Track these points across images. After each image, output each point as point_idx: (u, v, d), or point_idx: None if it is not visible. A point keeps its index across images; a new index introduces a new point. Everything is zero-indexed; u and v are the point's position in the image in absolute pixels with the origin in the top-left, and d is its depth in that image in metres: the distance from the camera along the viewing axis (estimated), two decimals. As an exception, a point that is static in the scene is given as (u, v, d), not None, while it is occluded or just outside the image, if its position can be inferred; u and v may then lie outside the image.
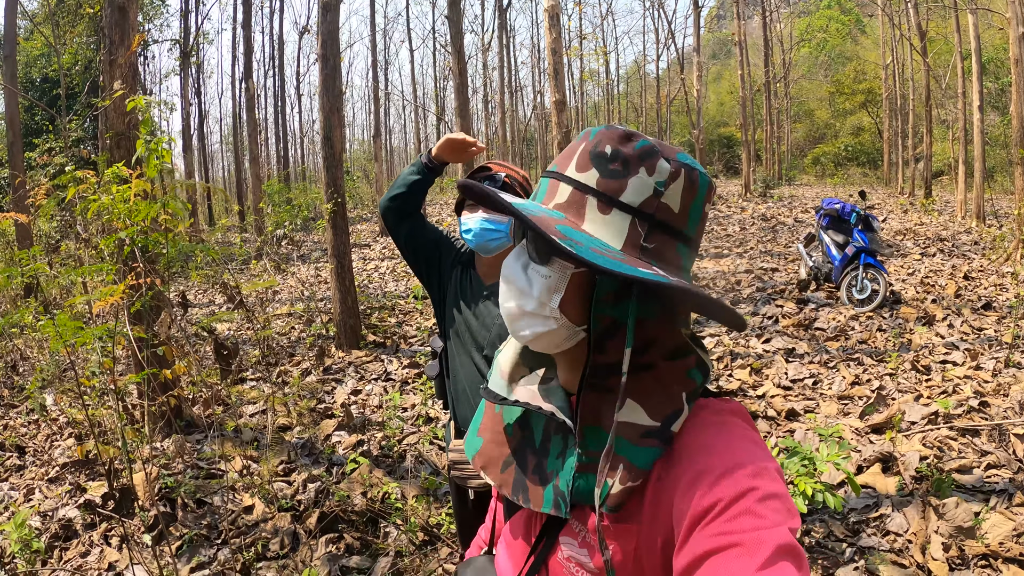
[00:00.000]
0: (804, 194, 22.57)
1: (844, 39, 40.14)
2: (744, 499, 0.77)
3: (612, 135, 0.91)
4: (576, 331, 0.93)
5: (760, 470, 0.80)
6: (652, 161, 0.88)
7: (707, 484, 0.80)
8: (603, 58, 33.80)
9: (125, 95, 5.17)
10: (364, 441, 5.02)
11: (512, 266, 0.96)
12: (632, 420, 0.88)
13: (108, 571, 3.64)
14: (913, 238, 12.60)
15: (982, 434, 4.34)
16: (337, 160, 7.66)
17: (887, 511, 3.54)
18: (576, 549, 0.93)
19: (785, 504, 0.77)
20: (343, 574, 3.50)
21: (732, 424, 0.88)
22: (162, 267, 3.73)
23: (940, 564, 3.09)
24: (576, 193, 0.90)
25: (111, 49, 5.39)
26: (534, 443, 1.01)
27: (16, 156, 11.59)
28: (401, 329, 8.45)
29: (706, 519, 0.77)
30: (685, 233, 0.91)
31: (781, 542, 0.73)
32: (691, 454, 0.85)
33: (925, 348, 6.25)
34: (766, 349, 6.62)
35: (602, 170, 0.89)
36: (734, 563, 0.72)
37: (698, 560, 0.75)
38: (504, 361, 1.09)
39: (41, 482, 4.83)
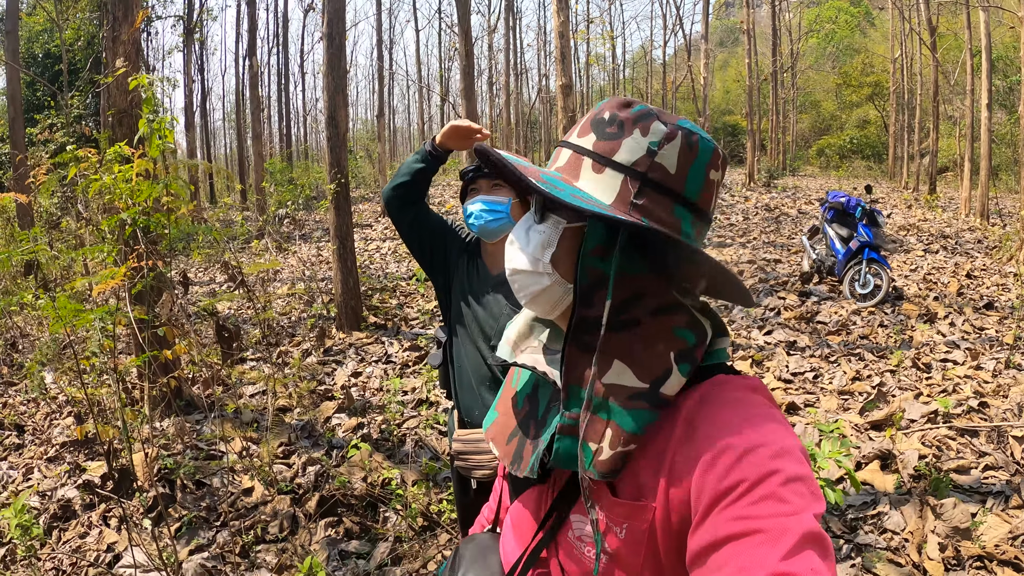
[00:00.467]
0: (808, 185, 22.50)
1: (853, 31, 39.93)
2: (767, 482, 0.75)
3: (613, 102, 0.94)
4: (569, 288, 0.94)
5: (783, 450, 0.78)
6: (647, 123, 0.90)
7: (728, 463, 0.78)
8: (610, 43, 33.62)
9: (128, 72, 5.13)
10: (364, 424, 5.02)
11: (517, 229, 0.99)
12: (620, 382, 0.87)
13: (107, 552, 3.64)
14: (916, 234, 12.58)
15: (981, 435, 4.35)
16: (341, 140, 7.62)
17: (885, 509, 3.55)
18: (588, 527, 0.92)
19: (809, 487, 0.75)
20: (342, 558, 3.51)
21: (754, 401, 0.86)
22: (164, 248, 3.71)
23: (936, 564, 3.10)
24: (574, 156, 0.93)
25: (114, 25, 5.35)
26: (537, 413, 1.01)
27: (17, 132, 11.57)
28: (402, 311, 8.45)
29: (726, 500, 0.75)
30: (683, 195, 0.90)
31: (806, 529, 0.71)
32: (711, 432, 0.82)
33: (926, 346, 6.25)
34: (767, 341, 6.62)
35: (599, 133, 0.92)
36: (756, 551, 0.70)
37: (717, 543, 0.74)
38: (512, 331, 1.10)
39: (40, 461, 4.83)
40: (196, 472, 4.33)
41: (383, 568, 3.42)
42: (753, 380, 0.91)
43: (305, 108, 41.04)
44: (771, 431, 0.80)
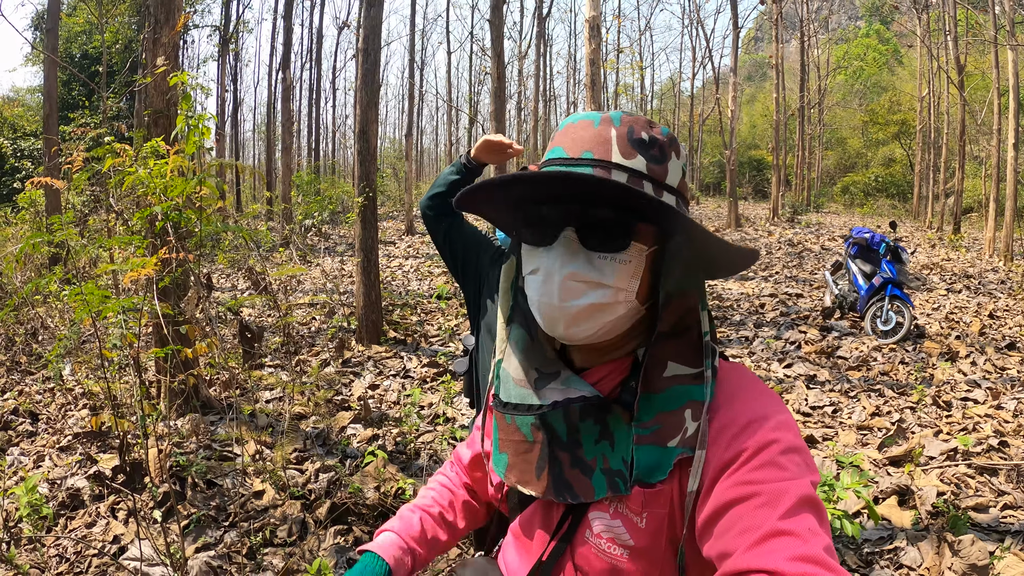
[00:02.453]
0: (832, 222, 22.44)
1: (881, 68, 39.96)
2: (767, 450, 0.79)
3: (640, 122, 0.96)
4: (639, 310, 0.96)
5: (781, 423, 0.83)
6: (676, 146, 0.97)
7: (730, 436, 0.83)
8: (639, 73, 33.82)
9: (166, 73, 5.25)
10: (379, 436, 5.04)
11: (571, 262, 0.93)
12: (677, 373, 0.92)
13: (112, 543, 3.66)
14: (939, 273, 12.49)
15: (1000, 474, 4.30)
16: (371, 154, 7.71)
17: (902, 544, 3.52)
18: (609, 521, 0.93)
19: (805, 458, 0.80)
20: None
21: (748, 379, 0.93)
22: (192, 245, 3.77)
23: (952, 601, 3.07)
24: (635, 179, 0.92)
25: (155, 27, 5.47)
26: (561, 439, 0.98)
27: (52, 128, 11.75)
28: (422, 328, 8.48)
29: (730, 469, 0.80)
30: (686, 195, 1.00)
31: (803, 493, 0.75)
32: (713, 410, 0.88)
33: (947, 384, 6.20)
34: (787, 374, 6.58)
35: (648, 156, 0.93)
36: (757, 512, 0.74)
37: (722, 508, 0.78)
38: (514, 370, 1.07)
39: (52, 450, 4.87)
40: (208, 471, 4.34)
41: (392, 578, 3.41)
42: (741, 365, 0.99)
43: (335, 124, 41.48)
44: (768, 406, 0.86)
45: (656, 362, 0.93)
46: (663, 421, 0.90)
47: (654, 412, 0.91)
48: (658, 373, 0.92)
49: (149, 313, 4.28)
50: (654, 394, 0.92)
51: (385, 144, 48.51)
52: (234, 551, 3.59)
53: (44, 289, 6.44)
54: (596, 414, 0.95)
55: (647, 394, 0.92)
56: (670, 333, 0.93)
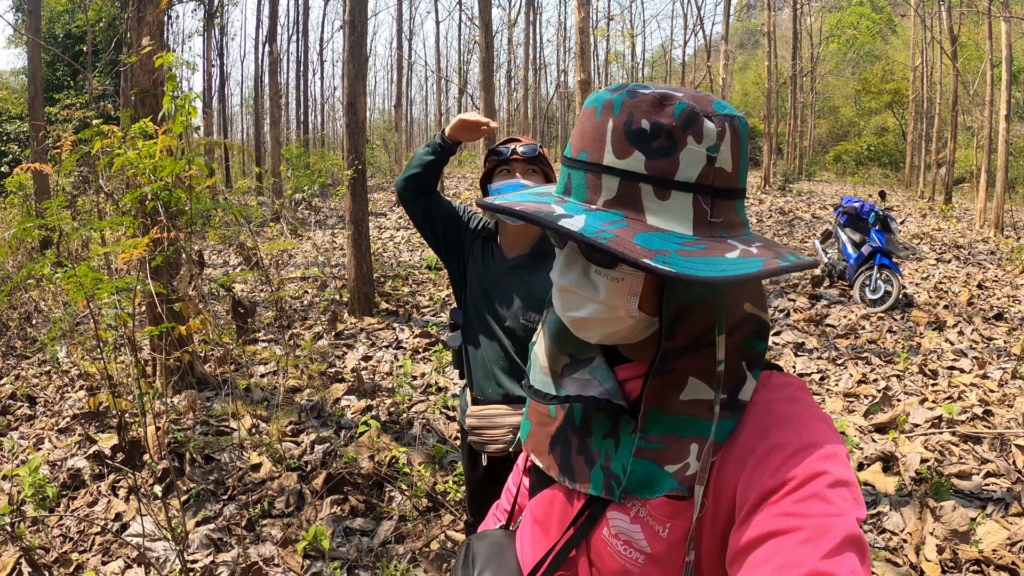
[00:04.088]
0: (823, 191, 22.46)
1: (874, 37, 39.74)
2: (814, 482, 0.74)
3: (643, 104, 0.82)
4: (653, 321, 0.89)
5: (832, 453, 0.78)
6: (697, 126, 0.81)
7: (778, 461, 0.78)
8: (629, 40, 33.52)
9: (152, 52, 5.21)
10: (373, 407, 5.09)
11: (568, 274, 0.90)
12: (699, 397, 0.86)
13: (115, 521, 3.71)
14: (930, 243, 12.56)
15: (984, 442, 4.37)
16: (360, 127, 7.69)
17: (884, 509, 3.59)
18: (628, 525, 0.90)
19: (853, 493, 0.75)
20: (346, 535, 3.57)
21: (803, 400, 0.86)
22: (183, 224, 3.78)
23: (933, 566, 3.14)
24: (625, 185, 0.82)
25: (139, 6, 5.42)
26: (574, 422, 0.99)
27: (37, 110, 11.67)
28: (414, 299, 8.51)
29: (773, 498, 0.75)
30: (740, 189, 0.87)
31: (848, 531, 0.70)
32: (762, 429, 0.82)
33: (934, 353, 6.27)
34: (775, 342, 6.65)
35: (647, 151, 0.80)
36: (799, 548, 0.70)
37: (761, 539, 0.74)
38: (542, 354, 1.05)
39: (51, 432, 4.91)
40: (205, 447, 4.39)
41: (386, 545, 3.48)
42: (795, 378, 0.91)
43: (323, 96, 41.16)
44: (821, 432, 0.80)
45: (673, 379, 0.87)
46: (668, 444, 0.86)
47: (663, 431, 0.87)
48: (675, 393, 0.87)
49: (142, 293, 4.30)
50: (667, 415, 0.87)
51: (374, 115, 48.21)
52: (233, 523, 3.67)
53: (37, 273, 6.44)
54: (610, 409, 0.93)
55: (658, 411, 0.88)
56: (689, 348, 0.87)
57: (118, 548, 3.47)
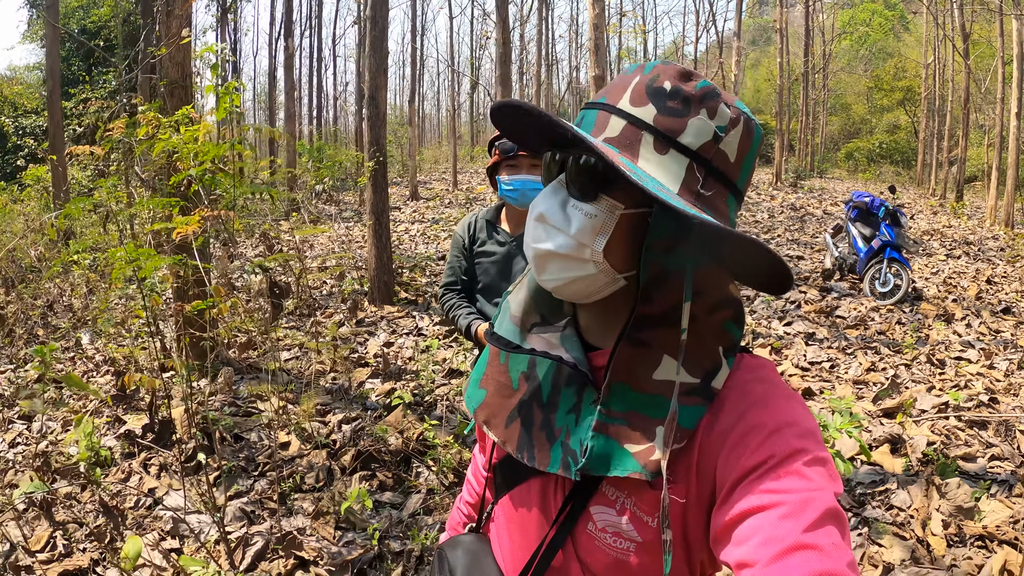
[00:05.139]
0: (835, 188, 22.53)
1: (886, 34, 39.66)
2: (793, 459, 0.76)
3: (671, 70, 0.85)
4: (617, 278, 0.88)
5: (807, 431, 0.79)
6: (713, 103, 0.84)
7: (756, 442, 0.78)
8: (641, 37, 33.58)
9: (182, 45, 5.39)
10: (396, 389, 5.26)
11: (546, 202, 0.88)
12: (670, 378, 0.85)
13: (147, 496, 3.87)
14: (940, 239, 12.66)
15: (989, 428, 4.51)
16: (382, 119, 7.85)
17: (892, 487, 3.74)
18: (614, 518, 0.89)
19: (829, 469, 0.77)
20: (376, 508, 3.74)
21: (775, 381, 0.87)
22: (222, 207, 3.95)
23: (939, 540, 3.29)
24: (630, 128, 0.84)
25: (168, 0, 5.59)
26: (541, 397, 0.95)
27: (55, 104, 11.84)
28: (432, 288, 8.69)
29: (753, 475, 0.76)
30: (736, 184, 0.87)
31: (828, 505, 0.72)
32: (739, 411, 0.83)
33: (941, 344, 6.41)
34: (787, 331, 6.80)
35: (660, 106, 0.83)
36: (781, 523, 0.71)
37: (743, 515, 0.74)
38: (515, 305, 1.03)
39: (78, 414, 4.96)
40: (234, 427, 4.56)
41: (415, 516, 3.65)
42: (769, 362, 0.92)
43: (335, 91, 41.37)
44: (795, 412, 0.82)
45: (646, 353, 0.86)
46: (632, 422, 0.85)
47: (627, 407, 0.86)
48: (646, 369, 0.86)
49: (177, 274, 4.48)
50: (635, 391, 0.86)
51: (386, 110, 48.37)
52: (265, 497, 3.80)
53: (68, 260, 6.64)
54: (578, 384, 0.92)
55: (625, 386, 0.87)
56: (665, 319, 0.86)
57: (152, 522, 3.63)
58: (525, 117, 0.88)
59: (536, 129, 0.91)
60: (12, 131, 18.92)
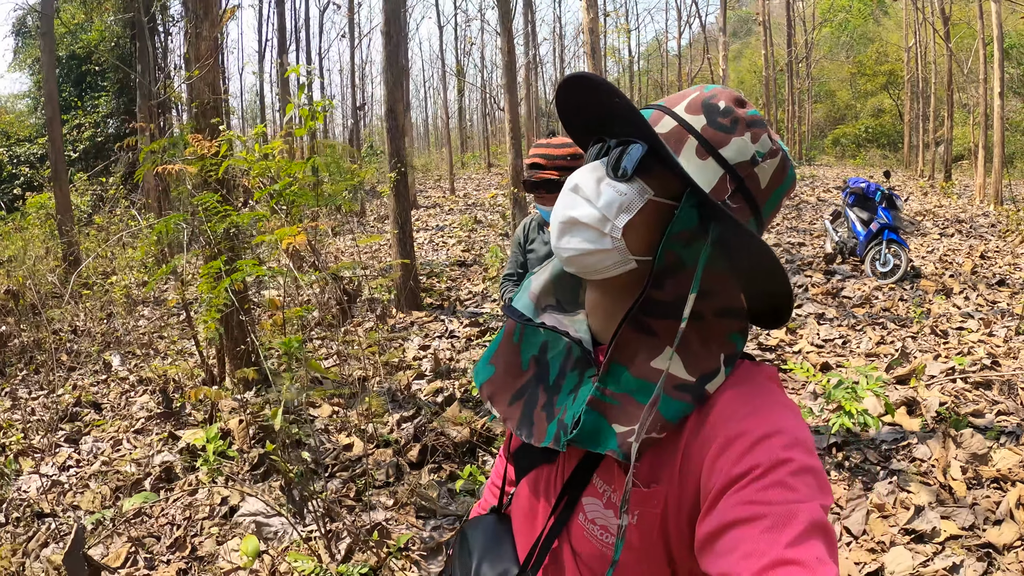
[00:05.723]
0: (825, 174, 22.97)
1: (866, 19, 40.09)
2: (778, 470, 0.75)
3: (729, 94, 0.92)
4: (628, 260, 0.90)
5: (796, 440, 0.78)
6: (759, 131, 0.90)
7: (741, 450, 0.78)
8: (625, 36, 34.08)
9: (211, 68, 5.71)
10: (442, 389, 5.61)
11: (583, 175, 0.93)
12: (666, 368, 0.86)
13: (221, 504, 3.99)
14: (932, 219, 13.11)
15: (994, 387, 4.92)
16: (400, 131, 8.26)
17: (913, 442, 4.15)
18: (601, 510, 0.91)
19: (818, 480, 0.76)
20: (451, 495, 4.01)
21: (768, 389, 0.87)
22: (295, 216, 4.30)
23: (959, 483, 3.69)
24: (679, 129, 0.89)
25: (196, 23, 5.83)
26: (548, 379, 0.99)
27: (55, 131, 11.95)
28: (454, 293, 9.07)
29: (737, 485, 0.76)
30: (761, 212, 0.91)
31: (813, 518, 0.71)
32: (725, 417, 0.83)
33: (943, 316, 6.83)
34: (798, 313, 7.22)
35: (711, 119, 0.89)
36: (763, 536, 0.71)
37: (725, 527, 0.74)
38: (536, 284, 1.07)
39: (125, 434, 5.19)
40: (293, 434, 4.70)
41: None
42: (768, 368, 0.92)
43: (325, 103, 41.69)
44: (785, 420, 0.81)
45: (650, 341, 0.89)
46: (624, 404, 0.87)
47: (621, 389, 0.89)
48: (647, 355, 0.89)
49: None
50: (632, 374, 0.89)
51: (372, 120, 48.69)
52: (341, 495, 3.99)
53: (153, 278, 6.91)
54: (583, 367, 0.96)
55: (623, 368, 0.89)
56: (673, 310, 0.88)
57: (231, 529, 3.76)
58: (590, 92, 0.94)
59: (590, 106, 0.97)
60: (7, 160, 18.82)
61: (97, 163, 19.09)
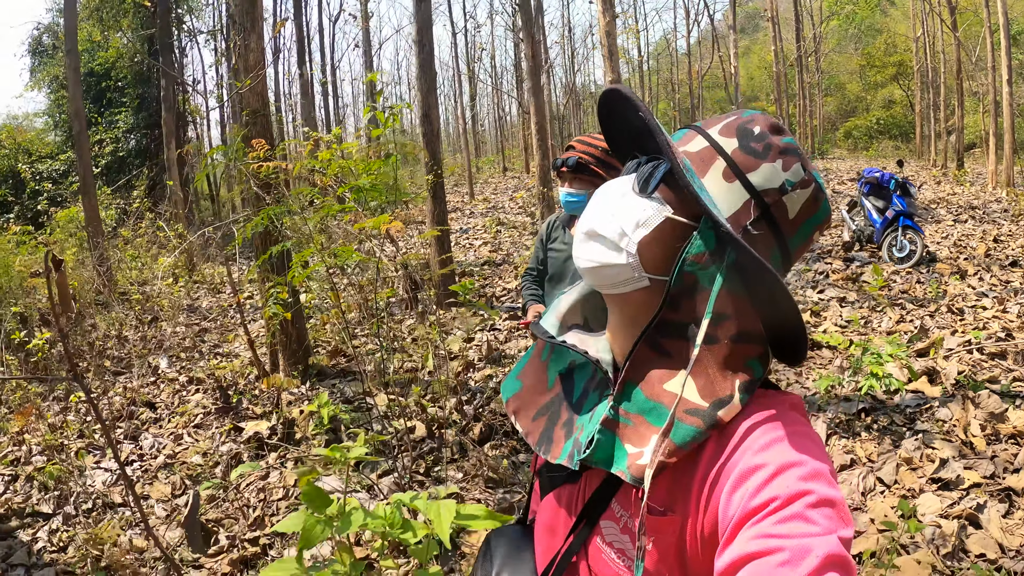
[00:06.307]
0: (838, 167, 23.23)
1: (874, 11, 40.18)
2: (797, 502, 0.74)
3: (766, 120, 0.91)
4: (641, 277, 0.90)
5: (816, 472, 0.77)
6: (790, 160, 0.89)
7: (759, 483, 0.77)
8: (635, 37, 34.41)
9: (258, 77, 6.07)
10: (493, 375, 5.98)
11: (610, 188, 0.95)
12: (678, 392, 0.85)
13: (294, 487, 4.25)
14: (946, 206, 13.41)
15: (1008, 357, 5.29)
16: (436, 135, 8.65)
17: (935, 406, 4.54)
18: (618, 534, 0.91)
19: (839, 512, 0.75)
20: (515, 468, 4.34)
21: (790, 418, 0.85)
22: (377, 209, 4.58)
23: (979, 439, 4.08)
24: (709, 150, 0.90)
25: (244, 36, 6.16)
26: (572, 398, 1.00)
27: (83, 146, 12.13)
28: (489, 290, 9.48)
29: (754, 519, 0.75)
30: (788, 242, 0.90)
31: (829, 551, 0.70)
32: (744, 447, 0.82)
33: (959, 296, 7.20)
34: (821, 298, 7.60)
35: (743, 144, 0.89)
36: (777, 571, 0.70)
37: (741, 561, 0.73)
38: (564, 304, 1.08)
39: (184, 429, 5.45)
40: (353, 421, 5.12)
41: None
42: (792, 396, 0.91)
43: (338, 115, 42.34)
44: (805, 451, 0.80)
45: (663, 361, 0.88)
46: (637, 424, 0.87)
47: (637, 409, 0.88)
48: (661, 376, 0.88)
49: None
50: (645, 395, 0.88)
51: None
52: (413, 471, 4.29)
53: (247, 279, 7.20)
54: (603, 388, 0.96)
55: (636, 387, 0.89)
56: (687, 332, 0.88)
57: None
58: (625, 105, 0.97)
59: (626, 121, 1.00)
60: (29, 176, 18.97)
61: (119, 178, 19.57)
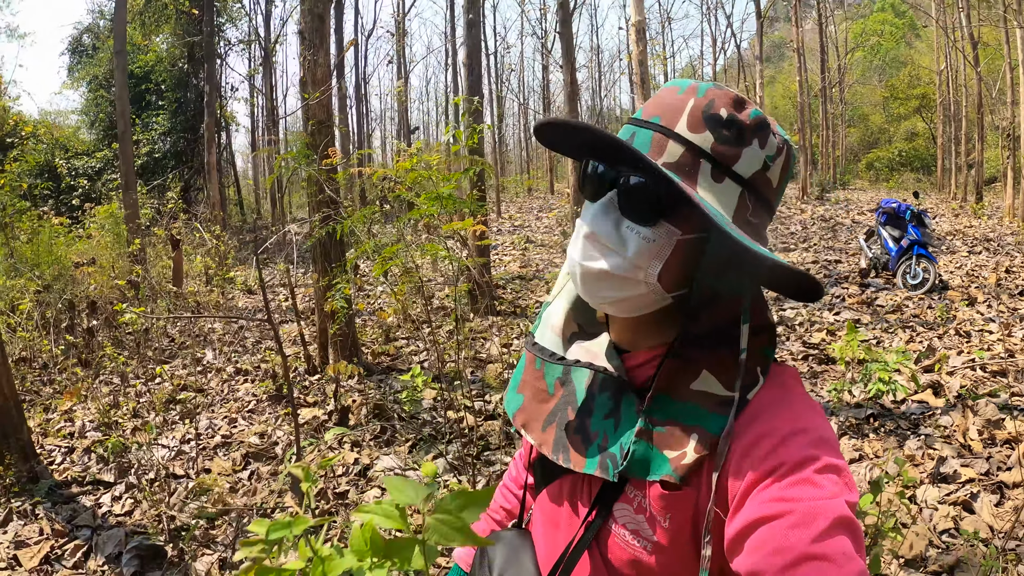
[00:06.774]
0: (859, 198, 23.59)
1: (898, 43, 40.50)
2: (803, 467, 0.76)
3: (726, 98, 0.87)
4: (665, 297, 0.90)
5: (821, 439, 0.79)
6: (765, 134, 0.87)
7: (766, 449, 0.79)
8: (662, 65, 35.06)
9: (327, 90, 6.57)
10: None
11: (599, 220, 0.89)
12: (707, 389, 0.87)
13: (354, 464, 4.68)
14: (962, 238, 13.85)
15: (1009, 374, 5.76)
16: (479, 152, 9.23)
17: (937, 414, 5.03)
18: (632, 515, 0.91)
19: (844, 478, 0.76)
20: None
21: (792, 388, 0.88)
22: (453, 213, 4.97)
23: (977, 442, 4.55)
24: (688, 155, 0.85)
25: (314, 52, 6.68)
26: (576, 401, 0.99)
27: (126, 144, 12.42)
28: (523, 301, 10.03)
29: (763, 484, 0.77)
30: (773, 207, 0.91)
31: (839, 513, 0.72)
32: (750, 418, 0.84)
33: (967, 321, 7.66)
34: (836, 319, 8.09)
35: (717, 135, 0.85)
36: (790, 532, 0.71)
37: (753, 525, 0.75)
38: (556, 316, 1.06)
39: (238, 414, 5.76)
40: (407, 410, 5.49)
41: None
42: (791, 368, 0.93)
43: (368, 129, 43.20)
44: (809, 419, 0.82)
45: (688, 367, 0.89)
46: (672, 430, 0.87)
47: (667, 416, 0.88)
48: (686, 380, 0.88)
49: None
50: (674, 400, 0.88)
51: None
52: (466, 454, 4.55)
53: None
54: (614, 390, 0.96)
55: (666, 396, 0.89)
56: (710, 339, 0.89)
57: (367, 483, 4.39)
58: (574, 135, 0.92)
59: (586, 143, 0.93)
60: (66, 172, 19.57)
61: (154, 179, 20.18)
